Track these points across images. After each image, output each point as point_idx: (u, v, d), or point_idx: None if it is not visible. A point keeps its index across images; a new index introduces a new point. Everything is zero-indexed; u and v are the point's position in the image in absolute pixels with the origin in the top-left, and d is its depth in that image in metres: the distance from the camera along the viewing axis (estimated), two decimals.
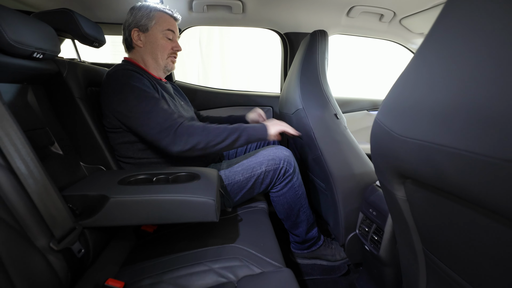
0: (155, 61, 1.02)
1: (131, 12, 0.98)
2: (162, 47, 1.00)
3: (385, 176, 0.47)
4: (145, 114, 0.83)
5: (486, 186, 0.27)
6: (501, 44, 0.25)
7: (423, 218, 0.45)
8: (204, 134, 0.84)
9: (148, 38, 0.99)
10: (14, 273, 0.47)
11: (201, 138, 0.83)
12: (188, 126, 0.83)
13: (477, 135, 0.26)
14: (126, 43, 1.02)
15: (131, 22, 0.98)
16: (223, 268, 0.68)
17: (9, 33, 0.61)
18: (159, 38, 0.99)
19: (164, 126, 0.82)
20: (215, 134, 0.85)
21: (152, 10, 0.98)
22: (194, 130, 0.83)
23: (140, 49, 1.00)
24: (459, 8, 0.30)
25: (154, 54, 1.00)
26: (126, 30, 0.99)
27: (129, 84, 0.85)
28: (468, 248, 0.36)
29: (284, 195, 1.00)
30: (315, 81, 0.95)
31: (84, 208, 0.66)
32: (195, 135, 0.83)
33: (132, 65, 0.97)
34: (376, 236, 0.84)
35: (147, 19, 0.97)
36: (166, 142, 0.82)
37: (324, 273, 1.11)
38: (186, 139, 0.82)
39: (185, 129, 0.82)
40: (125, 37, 1.01)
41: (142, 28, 0.97)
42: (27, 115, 0.75)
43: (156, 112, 0.83)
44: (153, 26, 0.97)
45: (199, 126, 0.85)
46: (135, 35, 0.98)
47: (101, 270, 0.73)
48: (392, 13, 1.28)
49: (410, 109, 0.36)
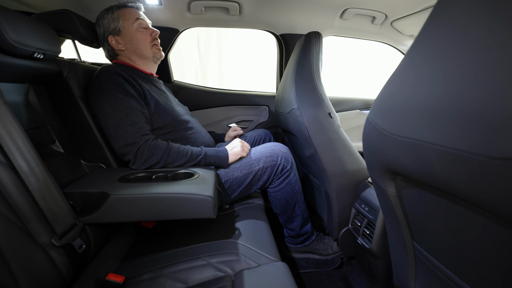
0: (142, 56, 1.02)
1: (98, 24, 0.99)
2: (141, 39, 1.00)
3: (377, 173, 0.49)
4: (115, 126, 0.83)
5: (472, 182, 0.27)
6: (482, 47, 0.26)
7: (413, 213, 0.46)
8: (165, 156, 0.85)
9: (125, 37, 0.98)
10: (17, 268, 0.48)
11: (160, 159, 0.85)
12: (150, 146, 0.84)
13: (461, 133, 0.27)
14: (109, 53, 1.02)
15: (103, 32, 0.98)
16: (221, 262, 0.70)
17: (10, 33, 0.62)
18: (134, 32, 0.99)
19: (128, 142, 0.83)
20: (176, 157, 0.87)
21: (114, 11, 0.97)
22: (155, 151, 0.84)
23: (124, 52, 1.01)
24: (445, 13, 0.31)
25: (138, 49, 1.00)
26: (104, 41, 1.00)
27: (107, 89, 0.85)
28: (456, 241, 0.38)
29: (281, 190, 1.02)
30: (310, 81, 0.97)
31: (85, 205, 0.67)
32: (154, 156, 0.84)
33: (121, 66, 0.97)
34: (368, 231, 0.87)
35: (114, 21, 0.97)
36: (127, 158, 0.85)
37: (318, 266, 1.14)
38: (145, 159, 0.84)
39: (147, 149, 0.83)
40: (107, 48, 1.01)
41: (114, 32, 0.97)
42: (28, 114, 0.76)
43: (124, 126, 0.83)
44: (123, 24, 0.97)
45: (162, 146, 0.85)
46: (113, 42, 0.98)
47: (102, 265, 0.74)
48: (384, 16, 1.31)
49: (400, 109, 0.37)
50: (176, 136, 0.99)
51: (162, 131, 0.96)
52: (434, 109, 0.30)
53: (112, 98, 0.84)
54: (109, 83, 0.86)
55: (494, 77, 0.24)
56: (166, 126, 0.97)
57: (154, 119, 0.94)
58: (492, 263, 0.33)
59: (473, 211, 0.32)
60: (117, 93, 0.85)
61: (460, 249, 0.38)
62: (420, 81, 0.34)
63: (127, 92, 0.87)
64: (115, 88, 0.86)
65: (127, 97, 0.86)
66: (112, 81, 0.87)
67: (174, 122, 0.98)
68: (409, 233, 0.51)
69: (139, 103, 0.88)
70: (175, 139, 0.98)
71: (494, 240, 0.31)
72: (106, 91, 0.85)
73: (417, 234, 0.49)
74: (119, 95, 0.85)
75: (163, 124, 0.96)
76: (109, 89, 0.85)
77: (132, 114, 0.85)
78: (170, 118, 0.97)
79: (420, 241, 0.49)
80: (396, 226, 0.53)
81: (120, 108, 0.84)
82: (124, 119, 0.83)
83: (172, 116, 0.98)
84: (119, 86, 0.86)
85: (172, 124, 0.98)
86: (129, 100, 0.86)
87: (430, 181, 0.35)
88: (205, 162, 0.92)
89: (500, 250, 0.31)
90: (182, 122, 1.01)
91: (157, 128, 0.95)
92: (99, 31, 0.99)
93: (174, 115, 0.99)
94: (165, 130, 0.97)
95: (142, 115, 0.87)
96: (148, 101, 0.93)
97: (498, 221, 0.29)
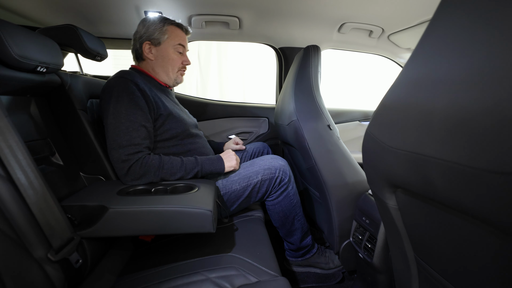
0: (166, 74, 1.03)
1: (143, 24, 0.98)
2: (173, 61, 1.01)
3: (377, 186, 0.48)
4: (113, 138, 0.83)
5: (471, 195, 0.27)
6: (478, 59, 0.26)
7: (414, 226, 0.46)
8: (158, 172, 0.85)
9: (160, 52, 0.99)
10: (11, 284, 0.47)
11: (154, 176, 0.84)
12: (142, 165, 0.83)
13: (459, 146, 0.27)
14: (136, 54, 1.02)
15: (143, 34, 0.97)
16: (220, 277, 0.68)
17: (14, 48, 0.63)
18: (171, 52, 1.00)
19: (122, 159, 0.82)
20: (170, 172, 0.86)
21: (165, 24, 0.98)
22: (148, 169, 0.83)
23: (150, 62, 1.01)
24: (441, 26, 0.32)
25: (165, 67, 1.01)
26: (137, 41, 0.99)
27: (117, 97, 0.85)
28: (458, 256, 0.37)
29: (279, 203, 1.01)
30: (309, 93, 0.98)
31: (82, 219, 0.66)
32: (148, 174, 0.83)
33: (139, 73, 0.98)
34: (369, 244, 0.86)
35: (160, 33, 0.97)
36: (120, 174, 0.83)
37: (319, 280, 1.12)
38: (138, 177, 0.83)
39: (139, 167, 0.82)
40: (136, 48, 1.01)
41: (154, 41, 0.98)
42: (29, 126, 0.76)
43: (121, 141, 0.82)
44: (166, 40, 0.98)
45: (155, 164, 0.84)
46: (147, 48, 0.98)
47: (98, 280, 0.72)
48: (381, 30, 1.34)
49: (398, 121, 0.37)
50: (182, 149, 0.98)
51: (169, 144, 0.96)
52: (433, 122, 0.31)
53: (118, 109, 0.84)
54: (120, 91, 0.85)
55: (490, 90, 0.24)
56: (175, 137, 0.97)
57: (165, 129, 0.94)
58: (496, 279, 0.32)
59: (474, 224, 0.31)
60: (124, 104, 0.84)
61: (463, 264, 0.37)
62: (419, 94, 0.34)
63: (135, 104, 0.86)
64: (124, 99, 0.85)
65: (133, 110, 0.85)
66: (124, 90, 0.86)
67: (183, 133, 0.99)
68: (411, 247, 0.51)
69: (144, 117, 0.87)
70: (180, 152, 0.98)
71: (496, 254, 0.31)
72: (114, 99, 0.85)
73: (419, 247, 0.48)
74: (125, 107, 0.84)
75: (172, 135, 0.96)
76: (118, 98, 0.85)
77: (132, 128, 0.84)
78: (181, 129, 0.98)
79: (422, 255, 0.48)
80: (398, 240, 0.52)
81: (122, 121, 0.83)
82: (122, 132, 0.83)
83: (183, 127, 0.99)
84: (128, 97, 0.85)
85: (181, 136, 0.98)
86: (134, 113, 0.85)
87: (430, 194, 0.35)
88: (201, 174, 0.92)
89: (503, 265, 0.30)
90: (192, 135, 1.02)
91: (165, 139, 0.95)
92: (139, 30, 0.98)
93: (185, 127, 1.00)
94: (172, 142, 0.96)
95: (143, 130, 0.86)
96: (161, 112, 0.93)
97: (499, 235, 0.29)
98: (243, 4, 1.13)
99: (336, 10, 1.17)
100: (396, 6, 1.10)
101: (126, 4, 1.08)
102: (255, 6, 1.15)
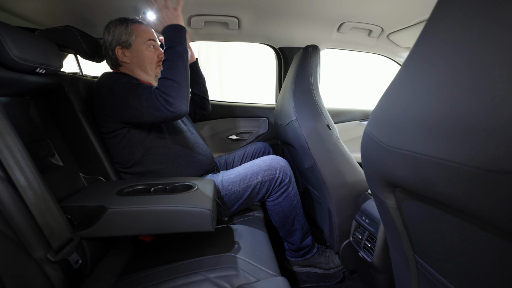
0: (145, 72, 1.04)
1: (107, 31, 0.98)
2: (148, 58, 1.02)
3: (376, 185, 0.48)
4: (137, 98, 0.85)
5: (469, 194, 0.27)
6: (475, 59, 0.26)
7: (413, 225, 0.46)
8: (167, 82, 0.85)
9: (133, 53, 1.00)
10: (11, 284, 0.47)
11: (171, 83, 0.84)
12: (156, 88, 0.86)
13: (457, 146, 0.27)
14: (112, 62, 1.02)
15: (112, 40, 0.97)
16: (219, 277, 0.68)
17: (13, 50, 0.63)
18: (143, 49, 1.00)
19: (152, 114, 0.85)
20: (176, 76, 0.86)
21: (129, 24, 0.98)
22: (166, 91, 0.84)
23: (128, 65, 1.01)
24: (438, 26, 0.32)
25: (143, 66, 1.02)
26: (109, 49, 0.99)
27: (115, 82, 0.88)
28: (457, 255, 0.37)
29: (279, 204, 1.01)
30: (308, 93, 0.98)
31: (82, 219, 0.66)
32: (168, 86, 0.84)
33: (123, 74, 0.99)
34: (369, 244, 0.85)
35: (127, 34, 0.97)
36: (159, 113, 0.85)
37: (319, 280, 1.12)
38: (164, 97, 0.84)
39: (159, 92, 0.84)
40: (109, 56, 1.01)
41: (124, 44, 0.98)
42: (28, 128, 0.77)
43: (138, 106, 0.85)
44: (135, 40, 0.98)
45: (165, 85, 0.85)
46: (120, 53, 0.99)
47: (98, 280, 0.72)
48: (380, 29, 1.34)
49: (396, 121, 0.37)
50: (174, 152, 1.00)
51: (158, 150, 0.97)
52: (431, 121, 0.31)
53: (122, 85, 0.88)
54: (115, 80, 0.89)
55: (487, 89, 0.24)
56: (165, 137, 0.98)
57: (153, 132, 0.95)
58: (495, 278, 0.32)
59: (472, 223, 0.31)
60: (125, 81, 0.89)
61: (462, 263, 0.37)
62: (417, 94, 0.34)
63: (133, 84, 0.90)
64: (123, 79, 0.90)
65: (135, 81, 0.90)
66: (117, 78, 0.90)
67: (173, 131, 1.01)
68: (411, 246, 0.50)
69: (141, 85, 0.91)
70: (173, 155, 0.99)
71: (495, 253, 0.30)
72: (114, 85, 0.88)
73: (418, 247, 0.48)
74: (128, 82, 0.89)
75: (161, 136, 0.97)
76: (116, 82, 0.89)
77: (136, 93, 0.87)
78: (171, 126, 1.00)
79: (422, 255, 0.48)
80: (397, 239, 0.52)
81: (133, 86, 0.88)
82: (139, 92, 0.87)
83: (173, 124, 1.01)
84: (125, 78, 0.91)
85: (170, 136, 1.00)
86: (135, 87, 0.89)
87: (429, 194, 0.34)
88: (180, 48, 0.89)
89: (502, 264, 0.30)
90: (182, 131, 1.04)
91: (153, 146, 0.96)
92: (107, 38, 0.98)
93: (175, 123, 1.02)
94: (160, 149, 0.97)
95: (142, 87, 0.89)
96: None
97: (498, 234, 0.28)
98: (242, 5, 1.13)
99: (335, 9, 1.16)
100: (395, 5, 1.10)
101: (125, 5, 1.08)
102: (254, 6, 1.15)
